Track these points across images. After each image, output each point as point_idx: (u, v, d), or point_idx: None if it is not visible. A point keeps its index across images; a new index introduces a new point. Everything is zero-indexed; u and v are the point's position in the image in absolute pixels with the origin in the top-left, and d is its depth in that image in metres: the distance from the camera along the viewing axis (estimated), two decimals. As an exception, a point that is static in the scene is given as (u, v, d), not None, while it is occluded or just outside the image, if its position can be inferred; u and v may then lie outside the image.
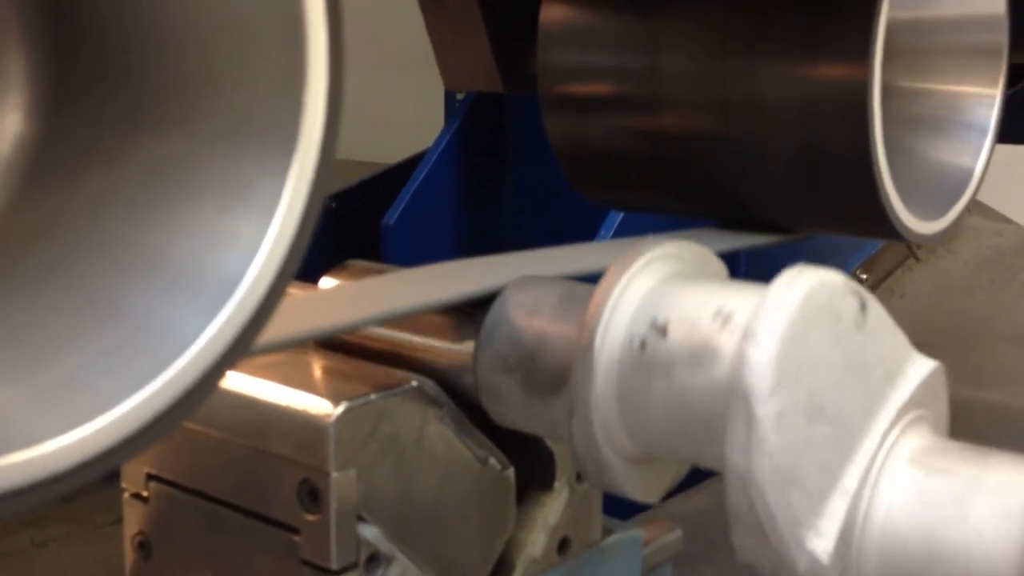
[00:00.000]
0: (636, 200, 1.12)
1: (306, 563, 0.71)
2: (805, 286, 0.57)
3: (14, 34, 0.55)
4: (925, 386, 0.60)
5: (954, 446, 0.59)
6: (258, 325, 0.48)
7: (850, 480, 0.57)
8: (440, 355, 0.77)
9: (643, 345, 0.62)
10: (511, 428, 0.76)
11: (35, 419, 0.43)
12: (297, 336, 0.69)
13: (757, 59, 0.91)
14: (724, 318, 0.60)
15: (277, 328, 0.55)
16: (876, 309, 0.60)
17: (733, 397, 0.56)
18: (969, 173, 1.05)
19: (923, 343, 0.63)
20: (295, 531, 0.71)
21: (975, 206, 1.97)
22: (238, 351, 0.47)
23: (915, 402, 0.60)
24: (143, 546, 0.80)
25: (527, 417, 0.73)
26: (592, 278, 0.77)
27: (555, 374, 0.71)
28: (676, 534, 0.97)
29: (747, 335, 0.56)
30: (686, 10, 0.96)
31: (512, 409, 0.74)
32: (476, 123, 2.04)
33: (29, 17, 0.55)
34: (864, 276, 1.87)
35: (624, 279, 0.65)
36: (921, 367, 0.61)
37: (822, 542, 0.56)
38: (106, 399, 0.44)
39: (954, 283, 1.91)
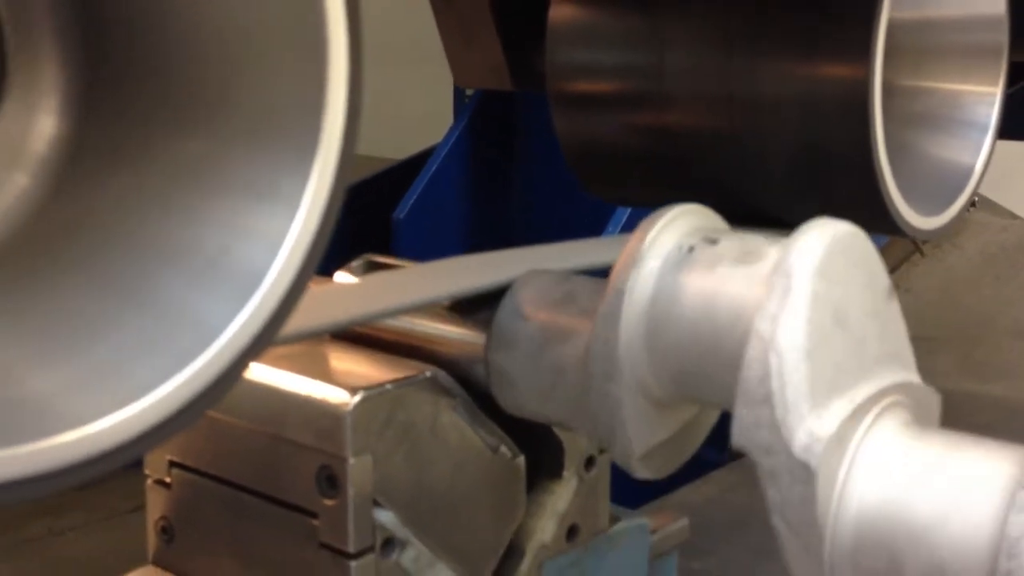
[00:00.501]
0: (642, 196, 1.14)
1: (324, 546, 0.74)
2: (852, 229, 0.63)
3: (47, 41, 0.57)
4: (921, 391, 0.63)
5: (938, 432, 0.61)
6: (283, 315, 0.50)
7: (858, 395, 0.59)
8: (453, 346, 0.80)
9: (691, 249, 0.66)
10: (521, 417, 0.78)
11: (79, 402, 0.46)
12: (318, 327, 0.71)
13: (760, 57, 0.93)
14: (777, 244, 0.64)
15: (300, 319, 0.58)
16: (897, 303, 0.63)
17: (776, 275, 0.59)
18: (970, 170, 1.07)
19: (928, 337, 0.66)
20: (313, 516, 0.74)
21: (981, 202, 1.99)
22: (264, 340, 0.50)
23: (912, 391, 0.63)
24: (166, 530, 0.83)
25: (537, 407, 0.76)
26: (601, 272, 0.79)
27: (564, 364, 0.73)
28: (683, 523, 0.99)
29: (800, 234, 0.61)
30: (690, 9, 0.98)
31: (522, 399, 0.76)
32: (486, 119, 2.06)
33: (61, 24, 0.57)
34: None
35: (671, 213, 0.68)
36: (918, 381, 0.64)
37: (822, 426, 0.57)
38: (143, 384, 0.46)
39: (959, 278, 1.93)
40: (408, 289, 0.79)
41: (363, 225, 1.99)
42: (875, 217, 0.95)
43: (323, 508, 0.73)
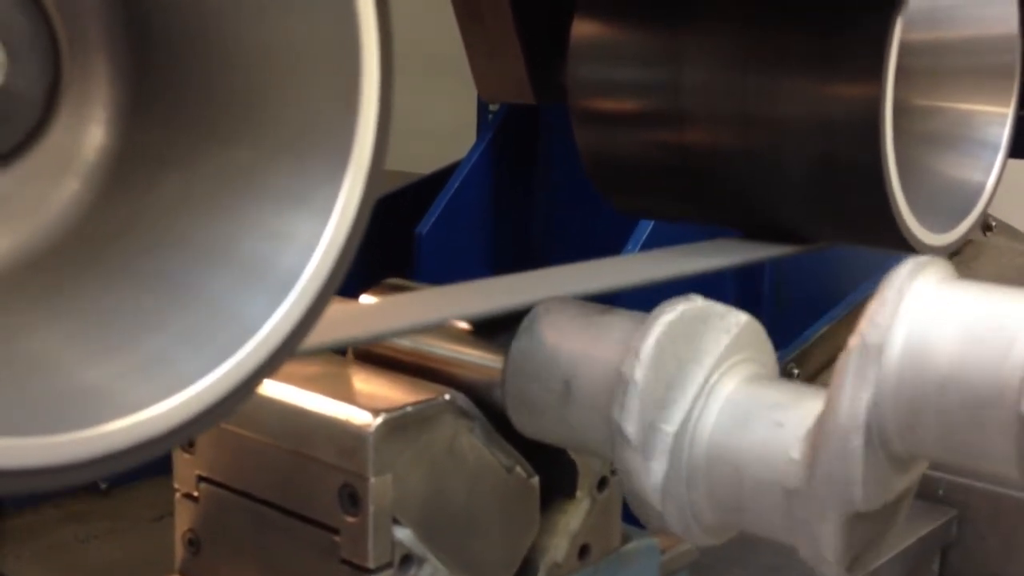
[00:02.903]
0: (661, 209, 1.16)
1: (345, 562, 0.77)
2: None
3: (98, 56, 0.61)
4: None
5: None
6: (315, 314, 0.54)
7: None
8: (472, 370, 0.83)
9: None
10: (536, 440, 0.82)
11: (129, 392, 0.49)
12: (344, 340, 0.75)
13: (776, 76, 0.95)
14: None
15: (327, 332, 0.64)
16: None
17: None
18: (981, 188, 1.07)
19: None
20: (335, 532, 0.77)
21: (999, 227, 2.00)
22: (298, 337, 0.54)
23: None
24: (193, 543, 0.87)
25: (552, 431, 0.79)
26: (620, 295, 0.83)
27: (581, 391, 0.77)
28: (692, 543, 1.02)
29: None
30: (709, 28, 1.00)
31: (538, 423, 0.80)
32: (509, 135, 2.08)
33: (112, 39, 0.61)
34: (888, 293, 1.90)
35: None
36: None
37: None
38: (188, 375, 0.50)
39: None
40: (428, 308, 0.83)
41: (386, 239, 2.02)
42: (886, 233, 0.96)
43: (344, 525, 0.76)
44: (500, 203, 2.10)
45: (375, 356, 0.88)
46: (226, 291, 0.54)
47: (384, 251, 1.99)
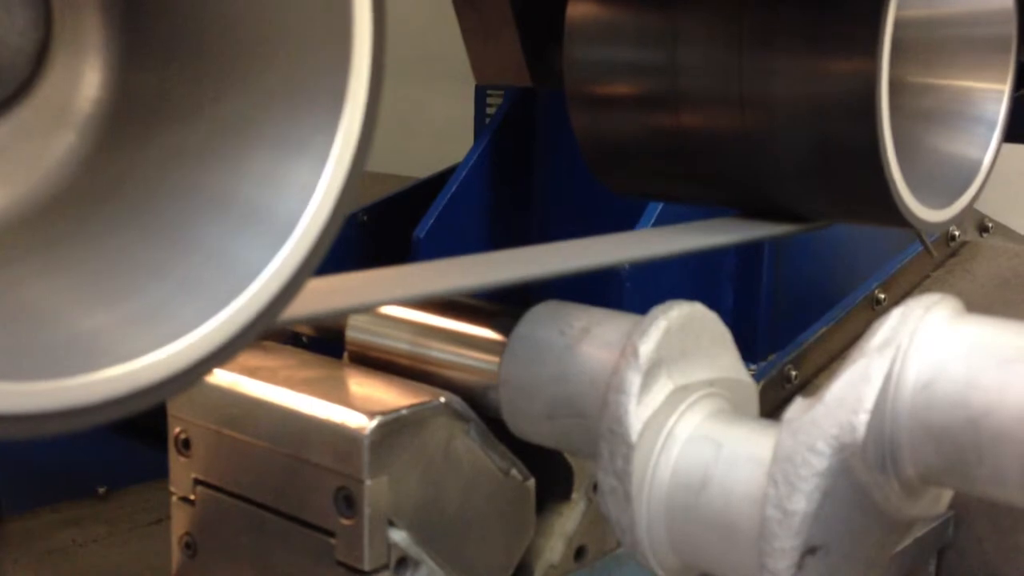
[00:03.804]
0: (659, 190, 1.16)
1: (340, 564, 0.78)
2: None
3: (91, 6, 0.61)
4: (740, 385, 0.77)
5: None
6: (313, 261, 0.54)
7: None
8: (467, 373, 0.84)
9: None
10: (532, 442, 0.83)
11: (127, 340, 0.50)
12: (347, 307, 0.72)
13: (771, 54, 0.95)
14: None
15: (327, 300, 0.65)
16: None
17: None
18: (977, 165, 1.06)
19: None
20: (331, 534, 0.78)
21: (996, 228, 2.01)
22: (296, 284, 0.54)
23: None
24: (189, 546, 0.88)
25: (546, 434, 0.80)
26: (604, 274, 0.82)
27: (574, 396, 0.78)
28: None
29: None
30: (704, 7, 0.99)
31: (533, 426, 0.81)
32: (506, 139, 2.10)
33: None
34: (882, 296, 1.91)
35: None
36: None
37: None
38: (187, 324, 0.51)
39: (971, 304, 1.94)
40: (436, 279, 0.79)
41: (383, 243, 2.03)
42: (883, 210, 0.96)
43: (340, 527, 0.77)
44: (498, 207, 2.11)
45: (370, 359, 0.89)
46: (225, 239, 0.54)
47: (381, 255, 2.00)
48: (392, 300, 0.79)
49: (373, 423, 0.76)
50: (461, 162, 2.04)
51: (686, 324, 0.75)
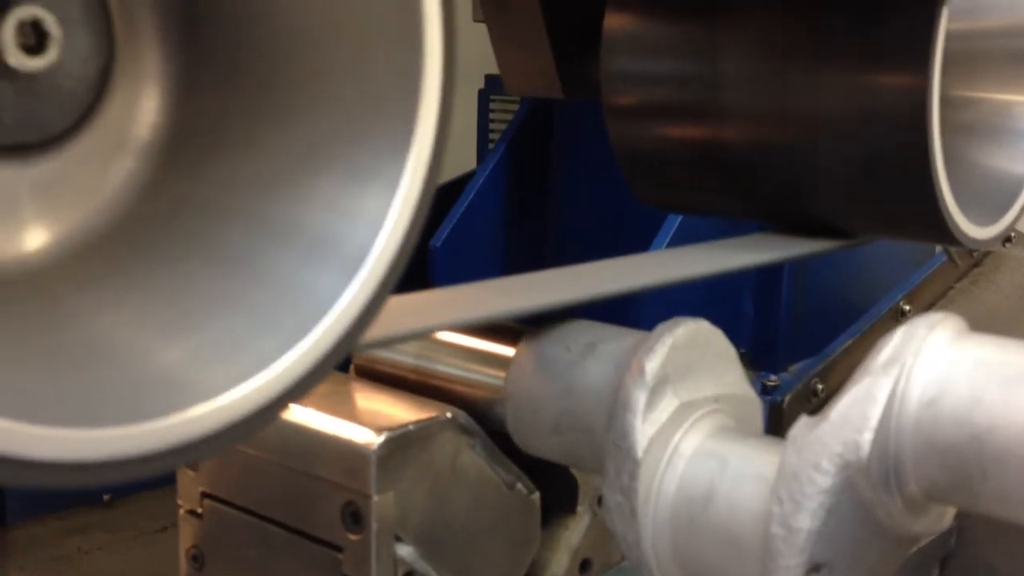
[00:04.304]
0: (695, 203, 1.16)
1: (348, 578, 0.80)
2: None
3: (152, 31, 0.61)
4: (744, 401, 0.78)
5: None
6: (386, 290, 0.54)
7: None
8: (473, 388, 0.86)
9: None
10: (537, 456, 0.84)
11: (205, 375, 0.49)
12: (407, 332, 0.72)
13: (817, 67, 0.95)
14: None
15: (394, 324, 0.64)
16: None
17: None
18: (1022, 180, 1.06)
19: None
20: (338, 549, 0.80)
21: (1018, 238, 2.02)
22: (370, 313, 0.53)
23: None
24: (196, 559, 0.89)
25: (552, 448, 0.82)
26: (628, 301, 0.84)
27: (579, 411, 0.79)
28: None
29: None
30: (746, 19, 0.99)
31: (538, 440, 0.83)
32: (523, 147, 2.10)
33: (164, 15, 0.61)
34: (907, 307, 1.91)
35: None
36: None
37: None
38: (264, 356, 0.50)
39: (995, 316, 1.96)
40: (487, 301, 0.80)
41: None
42: (930, 226, 0.96)
43: (348, 542, 0.79)
44: (514, 215, 2.12)
45: (377, 373, 0.90)
46: (294, 268, 0.54)
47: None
48: (465, 322, 0.78)
49: (380, 439, 0.78)
50: (477, 170, 2.05)
51: (691, 341, 0.77)
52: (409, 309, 0.70)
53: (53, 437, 0.44)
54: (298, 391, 0.51)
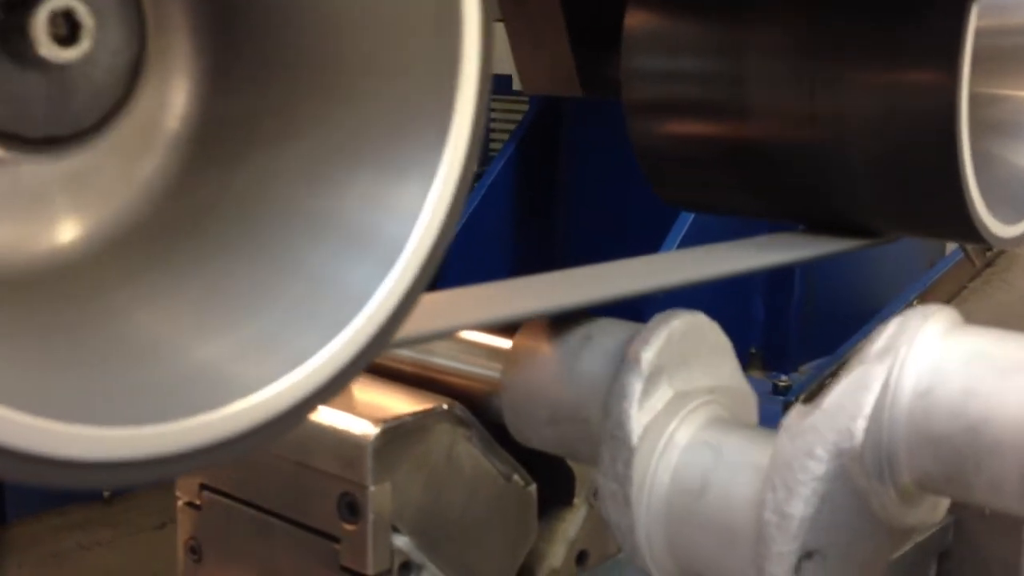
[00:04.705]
0: (718, 202, 1.16)
1: (345, 569, 0.81)
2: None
3: (183, 24, 0.61)
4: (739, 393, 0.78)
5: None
6: (422, 284, 0.54)
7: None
8: (470, 379, 0.87)
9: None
10: (534, 448, 0.86)
11: (244, 371, 0.50)
12: (450, 326, 0.74)
13: (844, 65, 0.95)
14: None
15: (430, 321, 0.65)
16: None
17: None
18: None
19: None
20: (335, 540, 0.81)
21: (1031, 237, 2.02)
22: (407, 307, 0.54)
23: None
24: (195, 550, 0.91)
25: (548, 440, 0.83)
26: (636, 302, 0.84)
27: (575, 402, 0.80)
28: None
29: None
30: (771, 16, 0.99)
31: (535, 432, 0.84)
32: (533, 144, 2.12)
33: (195, 5, 0.61)
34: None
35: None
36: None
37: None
38: (303, 350, 0.50)
39: (1010, 315, 1.97)
40: (538, 294, 0.81)
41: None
42: (957, 224, 0.96)
43: (344, 533, 0.80)
44: (524, 211, 2.13)
45: (374, 365, 0.91)
46: (329, 262, 0.54)
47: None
48: (502, 318, 0.78)
49: (377, 430, 0.79)
50: (487, 168, 2.07)
51: (687, 333, 0.78)
52: (438, 307, 0.70)
53: (87, 436, 0.44)
54: (334, 387, 0.52)
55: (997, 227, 0.99)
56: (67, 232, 0.58)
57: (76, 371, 0.49)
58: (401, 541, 0.81)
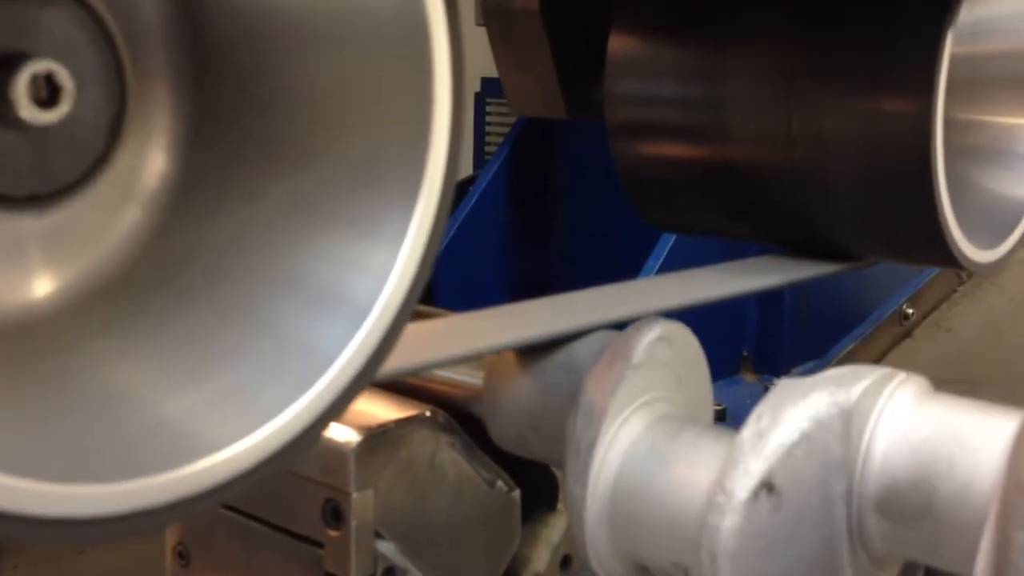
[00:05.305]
0: (699, 225, 1.18)
1: (329, 574, 0.82)
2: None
3: (163, 83, 0.63)
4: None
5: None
6: (390, 343, 0.55)
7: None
8: (452, 387, 0.88)
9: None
10: (517, 454, 0.87)
11: (211, 427, 0.51)
12: (421, 365, 0.76)
13: (822, 91, 0.97)
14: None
15: (403, 358, 0.66)
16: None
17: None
18: None
19: (969, 378, 0.72)
20: (319, 545, 0.82)
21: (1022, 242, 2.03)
22: (374, 366, 0.55)
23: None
24: (182, 555, 0.92)
25: (530, 446, 0.85)
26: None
27: (556, 409, 0.82)
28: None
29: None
30: (752, 42, 1.02)
31: (517, 439, 0.85)
32: (524, 152, 2.13)
33: (175, 68, 0.63)
34: (911, 311, 1.93)
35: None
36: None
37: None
38: (269, 408, 0.52)
39: (1001, 318, 1.98)
40: (503, 330, 0.83)
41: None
42: (934, 250, 0.98)
43: (328, 539, 0.82)
44: (516, 220, 2.14)
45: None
46: (299, 320, 0.55)
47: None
48: (475, 352, 0.81)
49: (359, 437, 0.81)
50: (480, 174, 2.08)
51: (663, 339, 0.79)
52: (419, 339, 0.71)
53: (52, 494, 0.44)
54: (304, 442, 0.53)
55: (973, 252, 1.01)
56: (40, 286, 0.58)
57: (38, 425, 0.49)
58: (385, 547, 0.83)
